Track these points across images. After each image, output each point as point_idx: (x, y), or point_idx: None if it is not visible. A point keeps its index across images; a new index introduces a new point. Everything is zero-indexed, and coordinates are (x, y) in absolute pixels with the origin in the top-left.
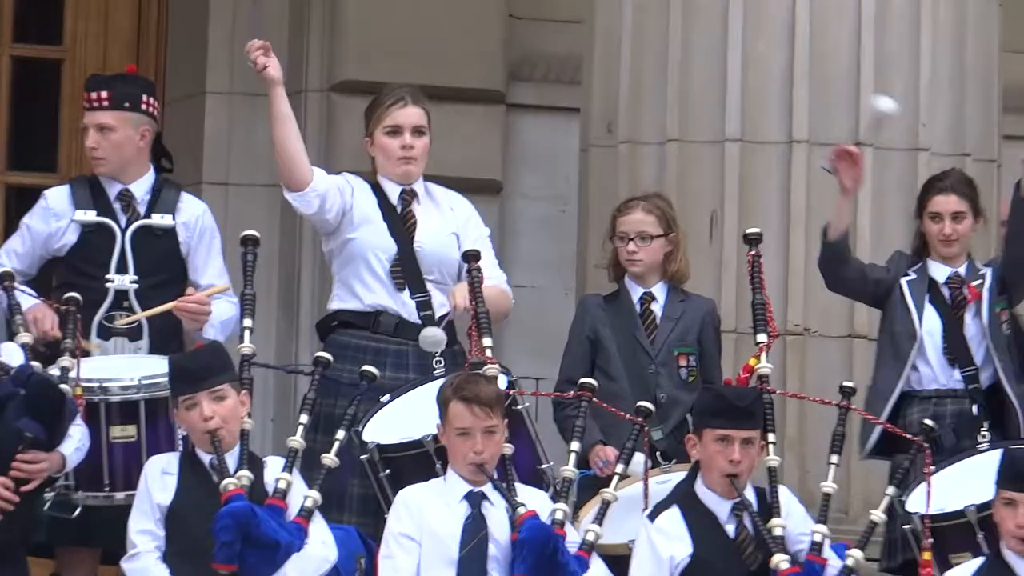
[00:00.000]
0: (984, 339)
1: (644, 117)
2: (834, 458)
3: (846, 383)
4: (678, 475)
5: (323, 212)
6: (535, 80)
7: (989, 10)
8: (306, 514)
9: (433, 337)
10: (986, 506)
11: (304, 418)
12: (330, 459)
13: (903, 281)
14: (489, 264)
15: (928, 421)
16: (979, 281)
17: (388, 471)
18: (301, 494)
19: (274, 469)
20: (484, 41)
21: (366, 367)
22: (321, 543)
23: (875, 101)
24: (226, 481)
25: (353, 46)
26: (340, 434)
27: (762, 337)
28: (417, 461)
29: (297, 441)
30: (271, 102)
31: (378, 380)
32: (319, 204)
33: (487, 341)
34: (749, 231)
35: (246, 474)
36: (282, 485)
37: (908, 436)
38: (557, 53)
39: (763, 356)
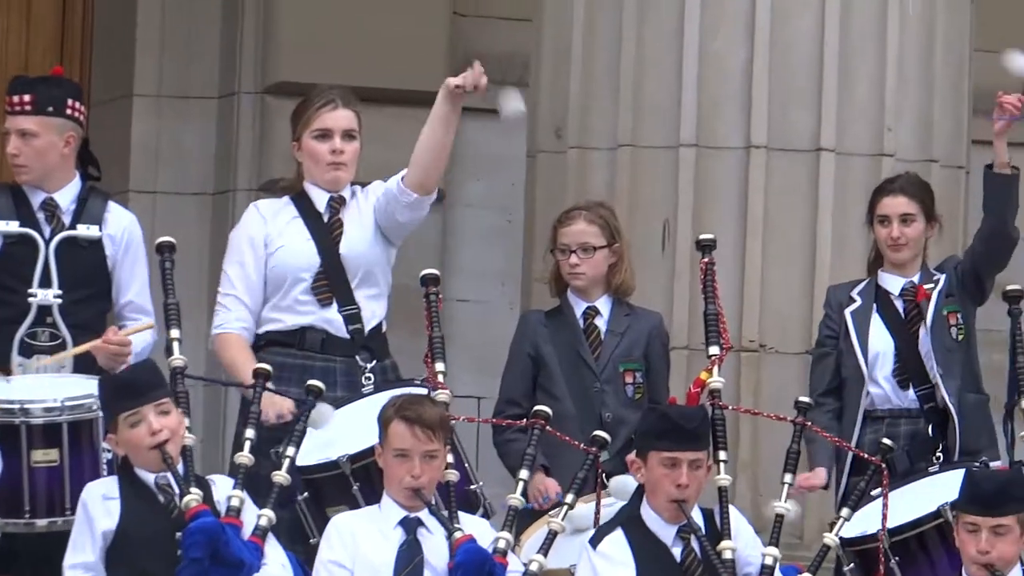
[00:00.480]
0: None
1: (595, 121)
2: (788, 477)
3: (801, 399)
4: (620, 501)
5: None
6: None
7: (960, 6)
8: (261, 533)
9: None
10: (899, 530)
11: (250, 432)
12: (282, 476)
13: (847, 314)
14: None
15: (887, 441)
16: (931, 285)
17: (307, 494)
18: (252, 513)
19: (223, 487)
20: (426, 40)
21: (312, 382)
22: (281, 566)
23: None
24: (188, 498)
25: (288, 46)
26: (290, 451)
27: (714, 350)
28: (335, 483)
29: (246, 457)
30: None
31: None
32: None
33: (440, 366)
34: (702, 237)
35: (197, 492)
36: (235, 503)
37: (866, 457)
38: (503, 53)
39: (715, 370)
